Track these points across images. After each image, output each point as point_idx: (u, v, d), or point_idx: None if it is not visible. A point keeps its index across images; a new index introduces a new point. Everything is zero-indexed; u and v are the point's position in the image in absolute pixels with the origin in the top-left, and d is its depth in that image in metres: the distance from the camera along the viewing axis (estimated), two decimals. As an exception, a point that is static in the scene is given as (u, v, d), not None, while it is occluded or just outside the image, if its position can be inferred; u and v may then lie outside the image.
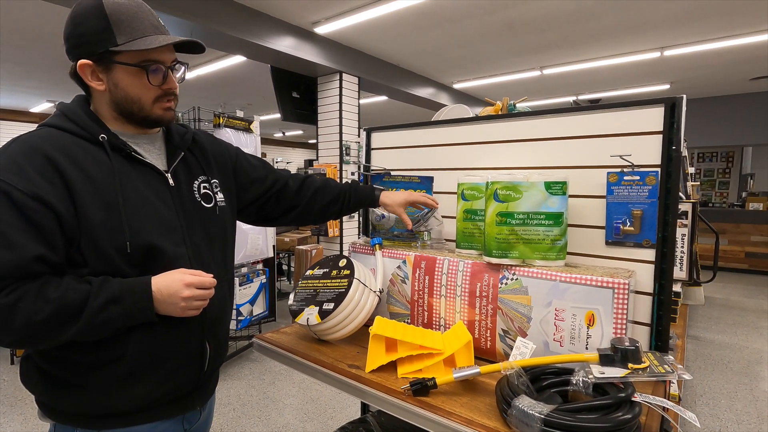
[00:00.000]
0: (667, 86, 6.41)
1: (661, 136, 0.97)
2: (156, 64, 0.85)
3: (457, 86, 6.58)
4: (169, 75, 0.88)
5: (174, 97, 0.91)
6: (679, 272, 2.53)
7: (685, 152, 3.92)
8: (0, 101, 7.81)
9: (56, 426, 0.86)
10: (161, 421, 0.89)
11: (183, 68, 0.93)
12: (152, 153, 0.93)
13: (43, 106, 8.17)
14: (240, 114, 2.98)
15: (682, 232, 2.49)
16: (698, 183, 4.73)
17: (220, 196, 1.01)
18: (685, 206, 2.52)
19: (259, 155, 3.13)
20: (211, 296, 0.86)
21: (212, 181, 1.00)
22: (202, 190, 0.97)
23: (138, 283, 0.80)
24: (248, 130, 3.01)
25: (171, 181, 0.91)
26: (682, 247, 2.49)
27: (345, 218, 4.62)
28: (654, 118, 0.98)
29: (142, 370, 0.83)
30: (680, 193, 0.96)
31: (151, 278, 0.81)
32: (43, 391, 0.84)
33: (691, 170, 4.26)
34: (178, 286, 0.80)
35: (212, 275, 0.86)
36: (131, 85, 0.85)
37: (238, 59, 4.82)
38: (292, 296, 1.13)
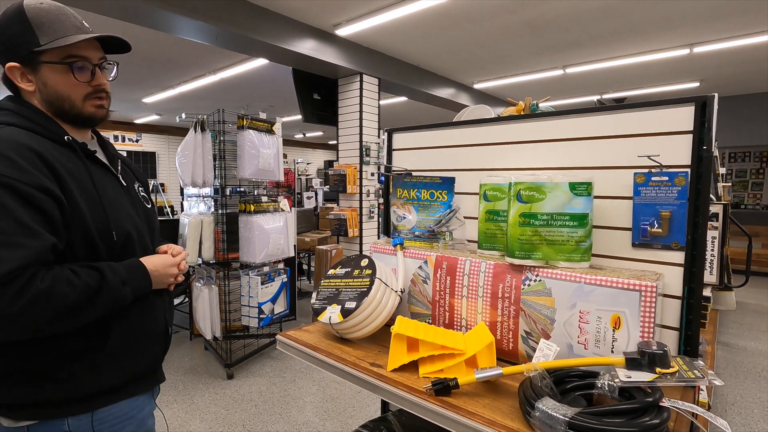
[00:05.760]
0: (696, 84, 6.20)
1: (691, 135, 0.94)
2: (81, 61, 0.89)
3: (477, 86, 6.52)
4: (97, 72, 0.92)
5: (105, 94, 0.95)
6: (709, 276, 2.44)
7: (715, 152, 3.78)
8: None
9: (38, 425, 0.84)
10: (139, 395, 0.98)
11: (113, 67, 0.98)
12: (100, 156, 0.99)
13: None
14: (262, 116, 3.03)
15: (712, 235, 2.41)
16: (730, 184, 4.55)
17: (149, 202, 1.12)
18: (715, 208, 2.44)
19: (281, 156, 3.18)
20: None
21: (140, 188, 1.10)
22: (141, 193, 1.08)
23: (136, 266, 0.92)
24: (270, 131, 3.06)
25: (123, 182, 1.00)
26: (713, 250, 2.41)
27: (364, 218, 4.65)
28: (684, 117, 0.95)
29: (124, 346, 0.92)
30: (710, 195, 0.93)
31: (140, 260, 0.94)
32: (18, 393, 0.82)
33: (722, 171, 4.12)
34: (168, 264, 0.99)
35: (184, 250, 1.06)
36: (59, 83, 0.88)
37: (260, 62, 4.91)
38: (314, 295, 1.15)
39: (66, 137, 0.88)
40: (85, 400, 0.87)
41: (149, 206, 1.09)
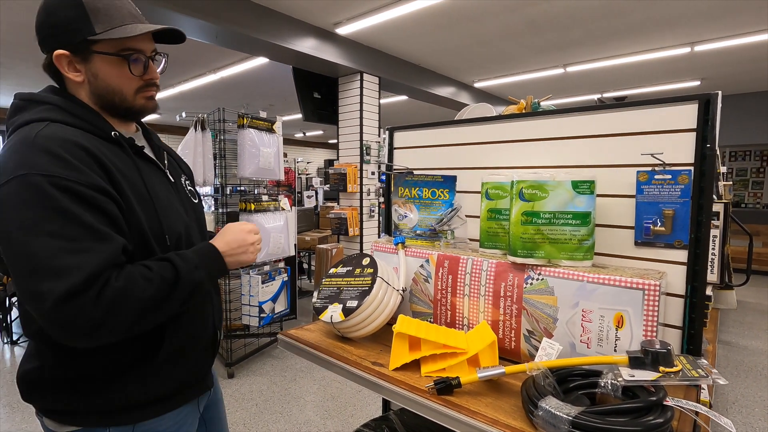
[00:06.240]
0: (697, 83, 6.19)
1: (694, 134, 0.94)
2: (137, 54, 0.83)
3: (478, 85, 6.52)
4: (150, 65, 0.87)
5: (156, 87, 0.90)
6: (711, 275, 2.44)
7: (716, 151, 3.76)
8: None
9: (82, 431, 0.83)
10: (185, 405, 0.93)
11: (163, 59, 0.92)
12: (147, 151, 0.94)
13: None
14: (263, 115, 3.02)
15: (713, 234, 2.40)
16: (730, 183, 4.55)
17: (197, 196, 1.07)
18: (716, 207, 2.44)
19: (282, 155, 3.18)
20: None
21: (186, 181, 1.05)
22: (188, 187, 1.03)
23: (207, 249, 0.87)
24: (271, 130, 3.05)
25: (171, 178, 0.95)
26: (713, 249, 2.40)
27: (365, 217, 4.64)
28: (687, 115, 0.95)
29: (175, 353, 0.87)
30: (713, 193, 0.93)
31: (210, 242, 0.89)
32: (65, 400, 0.81)
33: (722, 169, 4.11)
34: (242, 235, 0.92)
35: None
36: (111, 75, 0.83)
37: (260, 61, 4.90)
38: (316, 294, 1.14)
39: (113, 133, 0.83)
40: (131, 409, 0.84)
41: (196, 201, 1.04)
